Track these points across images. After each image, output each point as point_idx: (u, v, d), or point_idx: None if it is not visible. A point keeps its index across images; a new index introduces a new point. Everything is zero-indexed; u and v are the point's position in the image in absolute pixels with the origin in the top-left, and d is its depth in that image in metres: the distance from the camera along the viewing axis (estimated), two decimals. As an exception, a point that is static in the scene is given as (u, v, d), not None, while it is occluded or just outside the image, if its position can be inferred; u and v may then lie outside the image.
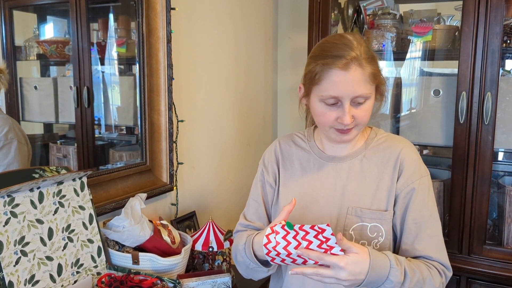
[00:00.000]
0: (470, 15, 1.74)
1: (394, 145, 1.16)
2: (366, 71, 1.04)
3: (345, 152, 1.18)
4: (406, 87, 2.14)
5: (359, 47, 1.05)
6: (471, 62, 1.75)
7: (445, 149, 2.15)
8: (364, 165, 1.16)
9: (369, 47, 1.09)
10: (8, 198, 1.13)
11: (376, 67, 1.08)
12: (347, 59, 1.03)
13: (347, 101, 1.05)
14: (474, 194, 1.80)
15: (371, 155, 1.16)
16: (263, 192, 1.27)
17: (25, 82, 1.46)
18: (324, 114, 1.09)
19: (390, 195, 1.13)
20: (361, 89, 1.04)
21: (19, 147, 1.36)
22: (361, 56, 1.04)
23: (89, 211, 1.34)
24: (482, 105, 1.75)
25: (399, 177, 1.12)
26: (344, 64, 1.03)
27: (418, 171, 1.13)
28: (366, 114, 1.08)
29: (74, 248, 1.28)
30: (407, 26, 2.11)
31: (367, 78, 1.05)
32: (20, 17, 1.43)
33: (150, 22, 1.66)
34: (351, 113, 1.05)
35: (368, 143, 1.18)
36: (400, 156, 1.14)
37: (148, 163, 1.73)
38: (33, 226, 1.18)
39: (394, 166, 1.13)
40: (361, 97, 1.05)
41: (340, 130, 1.09)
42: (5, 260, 1.09)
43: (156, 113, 1.72)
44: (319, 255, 0.96)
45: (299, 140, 1.26)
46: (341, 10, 2.18)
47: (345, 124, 1.06)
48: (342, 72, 1.03)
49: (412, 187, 1.11)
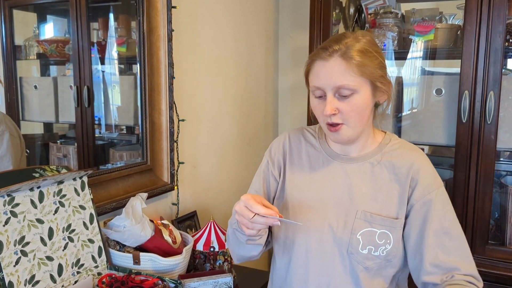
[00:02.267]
0: (472, 13, 1.73)
1: (409, 154, 1.13)
2: (351, 62, 1.02)
3: (356, 153, 1.15)
4: (407, 86, 2.13)
5: (352, 42, 1.04)
6: (473, 61, 1.74)
7: (446, 149, 2.14)
8: (376, 169, 1.12)
9: (371, 43, 1.07)
10: (8, 198, 1.12)
11: (368, 61, 1.04)
12: (329, 50, 1.03)
13: (329, 92, 1.03)
14: (476, 194, 1.79)
15: (384, 160, 1.13)
16: (265, 184, 1.24)
17: (25, 82, 1.45)
18: (314, 107, 1.09)
19: (402, 204, 1.09)
20: (342, 79, 1.01)
21: (12, 139, 1.35)
22: (349, 48, 1.02)
23: (89, 211, 1.33)
24: (484, 104, 1.74)
25: (415, 187, 1.09)
26: (326, 55, 1.03)
27: (435, 182, 1.10)
28: (353, 109, 1.04)
29: (75, 248, 1.27)
30: (408, 25, 2.10)
31: (353, 69, 1.02)
32: (20, 16, 1.43)
33: (151, 21, 1.66)
34: (335, 105, 1.03)
35: (382, 148, 1.14)
36: (414, 165, 1.10)
37: (149, 162, 1.72)
38: (33, 226, 1.17)
39: (407, 175, 1.09)
40: (345, 88, 1.02)
41: (329, 125, 1.07)
42: (5, 260, 1.09)
43: (157, 112, 1.71)
44: None
45: (309, 135, 1.22)
46: (342, 9, 2.17)
47: (326, 114, 1.03)
48: (322, 62, 1.03)
49: (429, 198, 1.08)
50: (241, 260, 1.22)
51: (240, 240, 1.12)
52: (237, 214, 1.00)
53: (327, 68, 1.03)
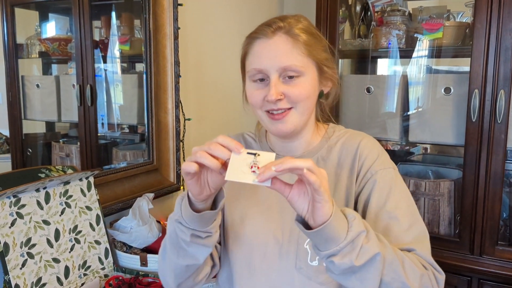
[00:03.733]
0: (482, 11, 1.71)
1: (353, 139, 1.00)
2: (298, 41, 0.90)
3: (300, 151, 1.01)
4: (414, 85, 2.11)
5: (295, 21, 0.93)
6: (483, 60, 1.72)
7: (455, 148, 2.12)
8: (320, 166, 0.87)
9: (313, 26, 0.97)
10: (14, 199, 1.09)
11: (314, 41, 0.93)
12: (273, 27, 0.91)
13: (274, 74, 0.90)
14: (486, 194, 1.77)
15: (328, 155, 0.99)
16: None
17: (27, 80, 1.44)
18: (252, 94, 0.94)
19: (350, 196, 0.95)
20: (288, 59, 0.89)
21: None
22: (292, 26, 0.91)
23: (96, 212, 1.31)
24: (494, 103, 1.72)
25: (360, 170, 0.96)
26: (269, 32, 0.91)
27: (381, 163, 0.96)
28: (301, 92, 0.91)
29: (81, 250, 1.25)
30: (416, 23, 2.08)
31: (300, 48, 0.90)
32: (21, 14, 1.41)
33: (157, 19, 1.64)
34: (280, 89, 0.89)
35: (325, 141, 1.01)
36: (359, 147, 0.97)
37: (155, 162, 1.69)
38: (39, 228, 1.14)
39: (352, 162, 0.97)
40: (291, 70, 0.90)
41: (272, 114, 0.92)
42: (12, 263, 1.06)
43: (163, 111, 1.69)
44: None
45: (250, 139, 1.11)
46: (348, 6, 2.15)
47: (271, 100, 0.89)
48: (265, 40, 0.91)
49: (374, 179, 0.94)
50: (179, 277, 0.95)
51: (182, 239, 0.87)
52: (193, 151, 0.78)
53: (271, 46, 0.90)
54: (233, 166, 0.73)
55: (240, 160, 0.73)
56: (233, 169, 0.72)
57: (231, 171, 0.72)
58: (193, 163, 0.75)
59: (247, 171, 0.72)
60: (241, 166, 0.73)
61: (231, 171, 0.72)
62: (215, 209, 0.85)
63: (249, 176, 0.72)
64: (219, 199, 0.86)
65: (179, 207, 0.86)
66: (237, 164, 0.73)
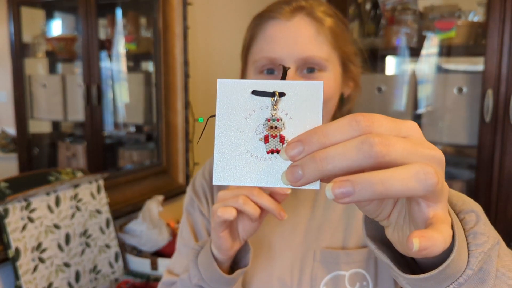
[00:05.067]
0: (496, 10, 1.68)
1: None
2: (323, 26, 0.72)
3: None
4: (425, 84, 2.08)
5: (317, 4, 0.75)
6: (497, 59, 1.70)
7: (467, 149, 2.09)
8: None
9: (338, 12, 0.79)
10: (25, 203, 1.07)
11: (340, 30, 0.75)
12: (292, 6, 0.72)
13: (291, 65, 0.70)
14: (499, 196, 1.75)
15: None
16: (195, 229, 0.83)
17: (33, 80, 1.43)
18: None
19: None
20: (312, 48, 0.70)
21: None
22: (315, 8, 0.73)
23: (105, 215, 1.29)
24: (508, 104, 1.69)
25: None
26: (287, 12, 0.71)
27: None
28: (325, 89, 0.71)
29: (92, 254, 1.23)
30: (427, 22, 2.05)
31: (326, 36, 0.71)
32: (28, 13, 1.40)
33: (166, 18, 1.61)
34: None
35: None
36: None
37: (164, 164, 1.67)
38: (50, 232, 1.12)
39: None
40: (313, 62, 0.70)
41: None
42: (23, 268, 1.04)
43: (172, 112, 1.67)
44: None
45: None
46: (358, 5, 2.12)
47: None
48: (282, 22, 0.71)
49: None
50: None
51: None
52: (222, 196, 0.63)
53: (290, 30, 0.70)
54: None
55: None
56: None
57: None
58: (232, 209, 0.59)
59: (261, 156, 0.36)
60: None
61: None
62: (242, 265, 0.69)
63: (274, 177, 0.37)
64: (244, 252, 0.70)
65: (195, 267, 0.69)
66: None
